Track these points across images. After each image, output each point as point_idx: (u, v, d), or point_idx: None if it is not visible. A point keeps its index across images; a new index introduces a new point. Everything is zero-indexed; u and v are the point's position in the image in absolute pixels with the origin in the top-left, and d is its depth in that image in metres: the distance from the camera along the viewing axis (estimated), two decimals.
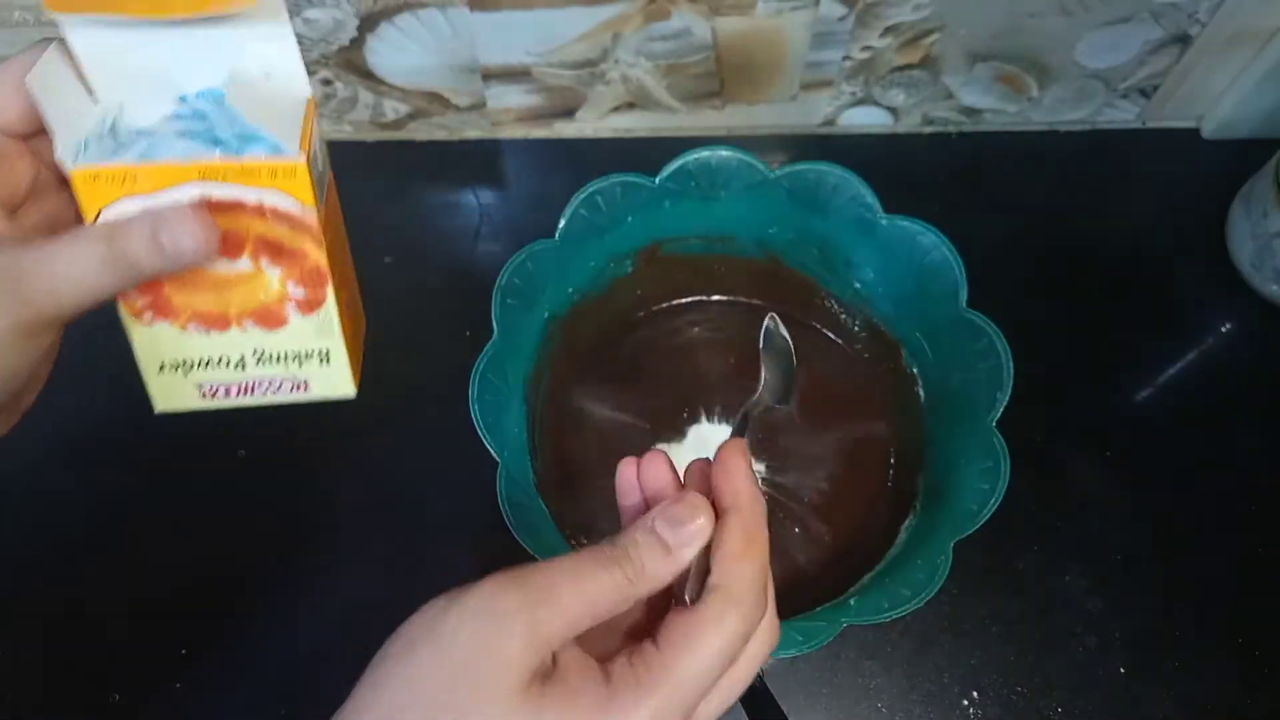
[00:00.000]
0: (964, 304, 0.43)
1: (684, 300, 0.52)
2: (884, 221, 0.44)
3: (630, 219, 0.45)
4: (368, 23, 0.51)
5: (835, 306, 0.50)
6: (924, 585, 0.38)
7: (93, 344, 0.54)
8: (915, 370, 0.47)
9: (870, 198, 0.43)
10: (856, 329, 0.50)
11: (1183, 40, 0.55)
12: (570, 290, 0.47)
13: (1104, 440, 0.52)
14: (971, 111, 0.61)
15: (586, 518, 0.47)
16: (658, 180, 0.44)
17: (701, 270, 0.51)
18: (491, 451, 0.39)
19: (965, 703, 0.46)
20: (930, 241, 0.43)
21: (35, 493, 0.50)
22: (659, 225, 0.47)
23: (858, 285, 0.48)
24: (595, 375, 0.50)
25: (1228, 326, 0.56)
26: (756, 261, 0.50)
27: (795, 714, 0.46)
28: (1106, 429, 0.53)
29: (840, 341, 0.51)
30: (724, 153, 0.44)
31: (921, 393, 0.47)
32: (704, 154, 0.43)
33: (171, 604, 0.48)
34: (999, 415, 0.41)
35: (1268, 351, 0.56)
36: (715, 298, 0.52)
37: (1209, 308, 0.57)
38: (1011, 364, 0.41)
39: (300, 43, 0.52)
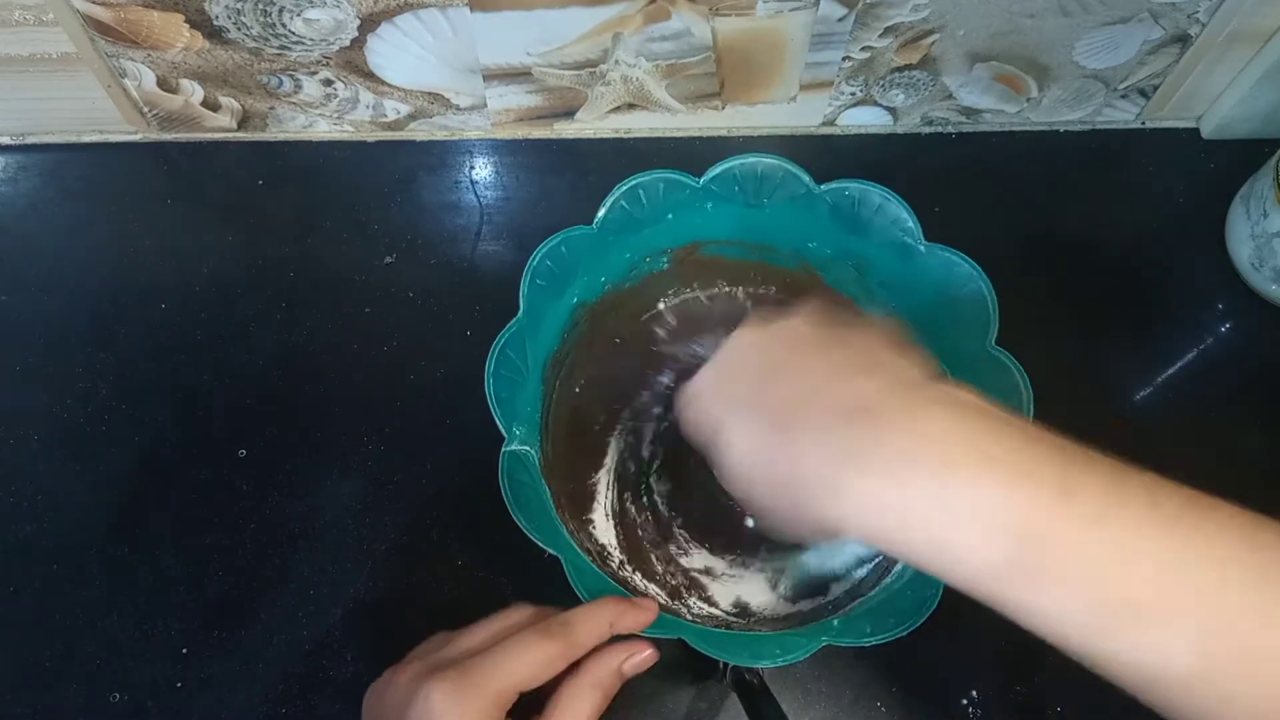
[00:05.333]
0: (993, 341, 0.42)
1: (714, 292, 0.51)
2: (923, 248, 0.43)
3: (670, 216, 0.45)
4: (368, 23, 0.51)
5: None
6: (909, 615, 0.37)
7: (88, 344, 0.55)
8: None
9: (911, 221, 0.43)
10: None
11: (1182, 40, 0.55)
12: (603, 280, 0.47)
13: (1104, 440, 0.52)
14: (971, 112, 0.61)
15: (587, 505, 0.47)
16: (702, 181, 0.43)
17: (738, 275, 0.50)
18: (500, 426, 0.39)
19: (964, 702, 0.46)
20: (966, 273, 0.42)
21: (35, 491, 0.50)
22: (699, 226, 0.46)
23: (891, 309, 0.47)
24: (619, 365, 0.50)
25: (1227, 326, 0.56)
26: (793, 273, 0.49)
27: (795, 713, 0.46)
28: (1106, 429, 0.53)
29: None
30: (770, 161, 0.43)
31: None
32: (750, 159, 0.43)
33: (172, 604, 0.48)
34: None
35: (1267, 351, 0.56)
36: (746, 289, 0.52)
37: (1208, 308, 0.57)
38: (1033, 408, 0.40)
39: (301, 43, 0.53)
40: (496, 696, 0.32)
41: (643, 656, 0.36)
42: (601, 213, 0.43)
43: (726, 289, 0.51)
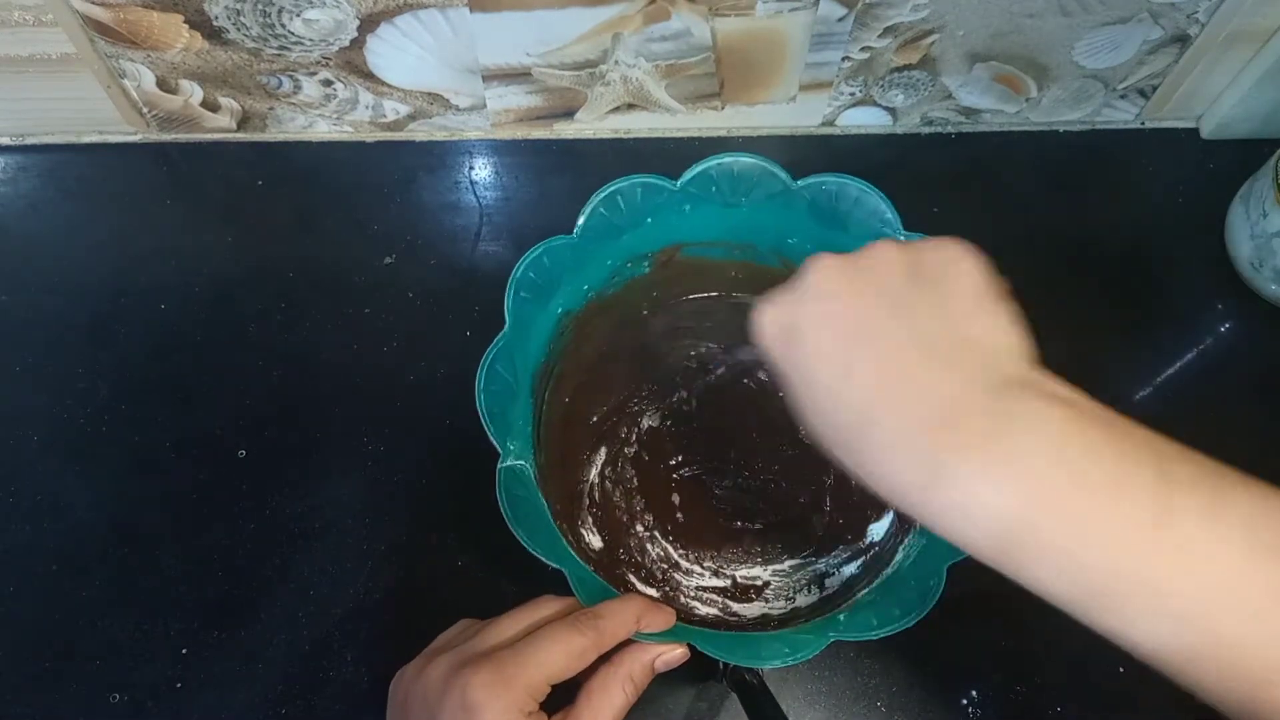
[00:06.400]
0: None
1: (698, 296, 0.52)
2: (902, 238, 0.43)
3: (650, 220, 0.45)
4: (368, 23, 0.51)
5: None
6: (914, 606, 0.38)
7: (88, 344, 0.55)
8: None
9: (890, 213, 0.43)
10: None
11: (1182, 40, 0.55)
12: (586, 288, 0.47)
13: None
14: (970, 112, 0.61)
15: (579, 511, 0.47)
16: (679, 183, 0.43)
17: (719, 276, 0.50)
18: (494, 442, 0.39)
19: (964, 702, 0.46)
20: None
21: (35, 491, 0.50)
22: (679, 228, 0.46)
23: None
24: (606, 372, 0.50)
25: (1227, 326, 0.56)
26: (775, 271, 0.49)
27: (795, 714, 0.46)
28: None
29: None
30: (746, 160, 0.43)
31: None
32: (726, 160, 0.43)
33: (172, 604, 0.48)
34: None
35: (1267, 351, 0.56)
36: (732, 295, 0.52)
37: (1208, 308, 0.57)
38: None
39: (300, 43, 0.53)
40: (531, 689, 0.32)
41: (676, 654, 0.36)
42: (581, 220, 0.43)
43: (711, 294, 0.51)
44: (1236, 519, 0.24)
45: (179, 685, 0.46)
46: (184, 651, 0.47)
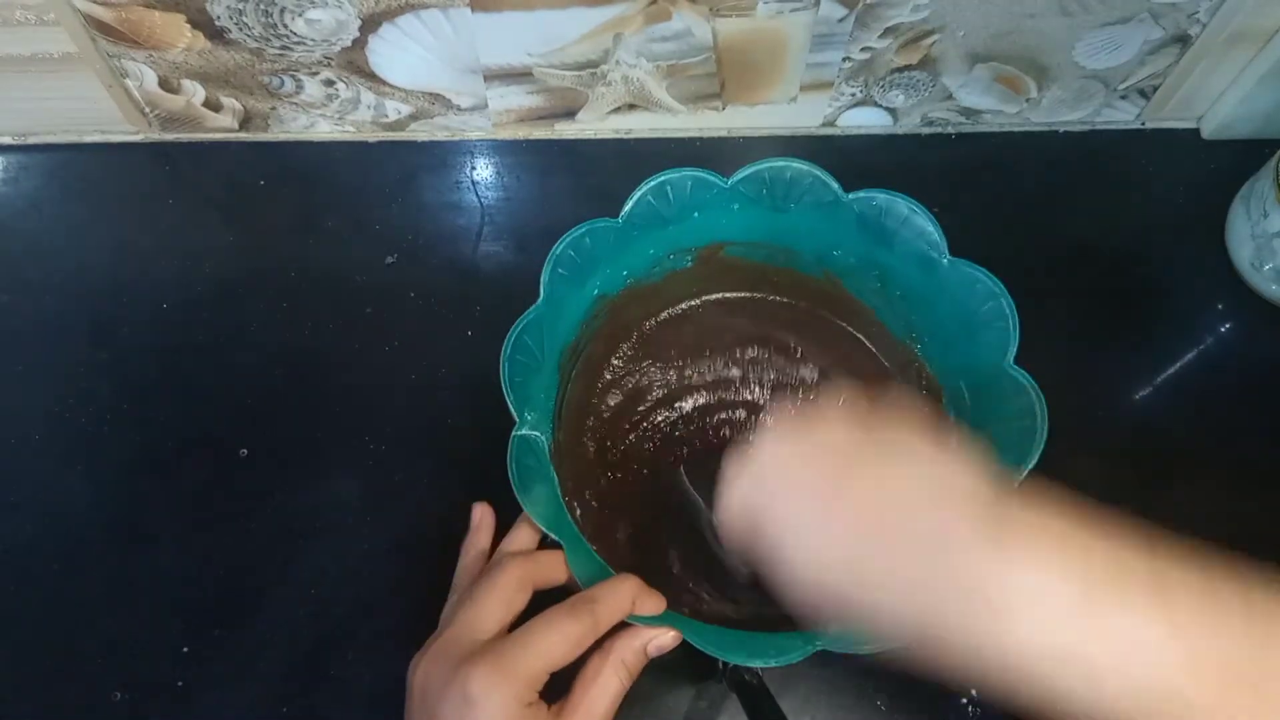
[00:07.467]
0: (1011, 359, 0.41)
1: (737, 294, 0.51)
2: (945, 262, 0.43)
3: (697, 215, 0.45)
4: (370, 23, 0.52)
5: (886, 340, 0.49)
6: None
7: (88, 344, 0.55)
8: (953, 416, 0.46)
9: (937, 235, 0.42)
10: (904, 363, 0.49)
11: (1182, 40, 0.55)
12: (625, 273, 0.47)
13: (1104, 440, 0.52)
14: (971, 112, 0.61)
15: (596, 493, 0.47)
16: (730, 181, 0.43)
17: (760, 278, 0.50)
18: (511, 409, 0.39)
19: (964, 701, 0.46)
20: (987, 290, 0.42)
21: (36, 492, 0.50)
22: (724, 226, 0.46)
23: (912, 320, 0.47)
24: (636, 358, 0.50)
25: (1227, 326, 0.56)
26: (816, 280, 0.49)
27: (794, 713, 0.46)
28: (1106, 429, 0.53)
29: (887, 365, 0.50)
30: (799, 166, 0.43)
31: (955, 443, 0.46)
32: (779, 163, 0.43)
33: (172, 603, 0.48)
34: (1021, 479, 0.39)
35: (1267, 351, 0.56)
36: (772, 297, 0.52)
37: (1208, 308, 0.57)
38: (1046, 429, 0.39)
39: (302, 43, 0.53)
40: (530, 679, 0.32)
41: (668, 637, 0.36)
42: (628, 206, 0.43)
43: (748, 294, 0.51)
44: (1238, 624, 0.26)
45: (179, 684, 0.46)
46: (184, 651, 0.47)
